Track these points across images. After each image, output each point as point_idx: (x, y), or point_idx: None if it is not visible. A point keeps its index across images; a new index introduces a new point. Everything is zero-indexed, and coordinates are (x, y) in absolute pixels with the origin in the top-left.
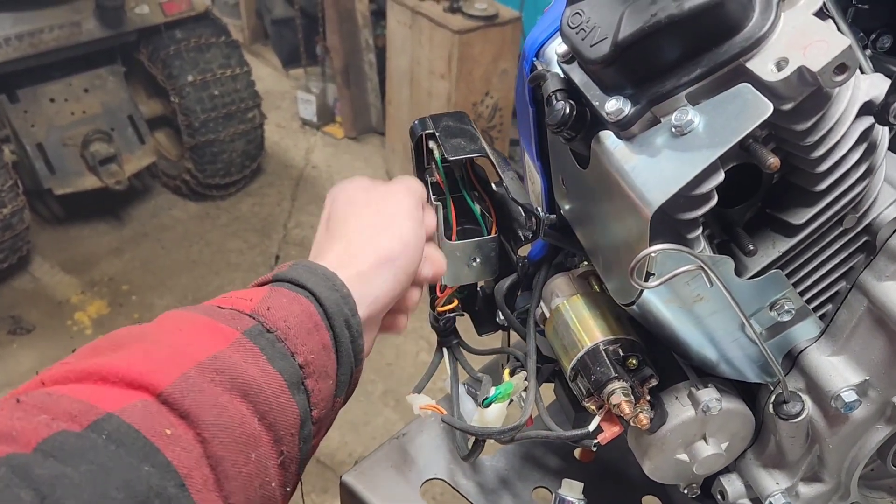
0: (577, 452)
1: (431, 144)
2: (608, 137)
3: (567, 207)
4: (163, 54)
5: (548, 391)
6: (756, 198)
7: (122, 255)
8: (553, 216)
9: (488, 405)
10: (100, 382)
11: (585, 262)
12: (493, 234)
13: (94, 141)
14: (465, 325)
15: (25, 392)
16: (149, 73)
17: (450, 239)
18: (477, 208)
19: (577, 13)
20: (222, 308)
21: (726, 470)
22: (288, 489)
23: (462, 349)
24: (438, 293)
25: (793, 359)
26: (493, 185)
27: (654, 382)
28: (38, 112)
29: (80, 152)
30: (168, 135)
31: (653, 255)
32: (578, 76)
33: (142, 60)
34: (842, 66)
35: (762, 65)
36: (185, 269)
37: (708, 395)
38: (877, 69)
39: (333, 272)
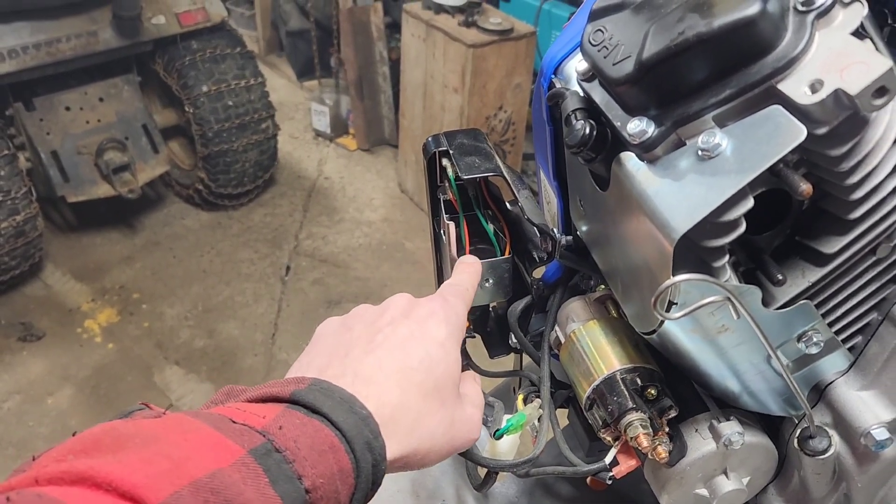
0: (589, 479)
1: (445, 162)
2: (630, 159)
3: (584, 229)
4: (178, 64)
5: (559, 413)
6: (785, 224)
7: (134, 263)
8: (569, 237)
9: (500, 437)
10: (93, 488)
11: (602, 286)
12: (506, 255)
13: (108, 149)
14: (475, 346)
15: (17, 490)
16: (164, 82)
17: None
18: (490, 228)
19: (600, 30)
20: (234, 422)
21: None
22: None
23: (472, 371)
24: None
25: (819, 392)
26: (508, 205)
27: (673, 414)
28: (53, 120)
29: (94, 161)
30: (182, 144)
31: (676, 284)
32: (599, 95)
33: (157, 70)
34: (882, 90)
35: (795, 86)
36: (196, 279)
37: (730, 428)
38: None
39: (352, 394)
